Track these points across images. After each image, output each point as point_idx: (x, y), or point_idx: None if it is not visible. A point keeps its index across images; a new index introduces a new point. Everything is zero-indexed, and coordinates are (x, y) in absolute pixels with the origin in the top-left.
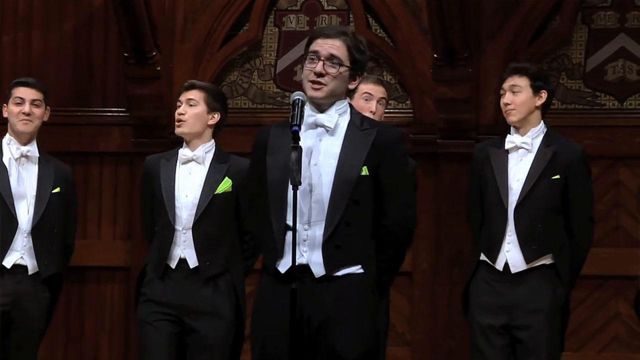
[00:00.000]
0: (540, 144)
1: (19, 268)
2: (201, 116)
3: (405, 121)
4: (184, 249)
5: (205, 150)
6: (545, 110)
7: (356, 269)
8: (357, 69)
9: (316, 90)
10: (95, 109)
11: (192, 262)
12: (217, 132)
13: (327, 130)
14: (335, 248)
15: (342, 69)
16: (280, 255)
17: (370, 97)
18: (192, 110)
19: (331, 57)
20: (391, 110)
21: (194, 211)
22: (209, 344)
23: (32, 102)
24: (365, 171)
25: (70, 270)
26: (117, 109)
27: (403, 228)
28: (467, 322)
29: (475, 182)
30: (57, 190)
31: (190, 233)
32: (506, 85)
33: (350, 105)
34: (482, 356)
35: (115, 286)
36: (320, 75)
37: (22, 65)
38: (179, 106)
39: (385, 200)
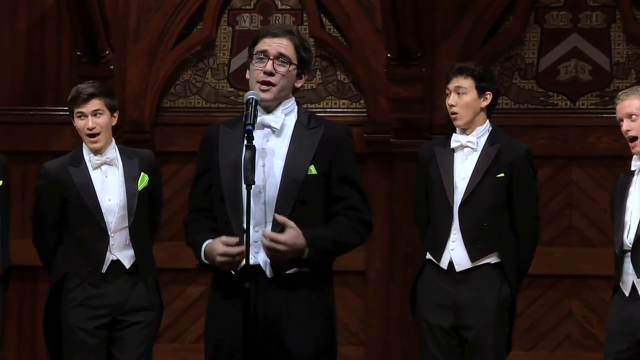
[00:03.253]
0: (485, 143)
1: None
2: (109, 124)
3: (359, 121)
4: (115, 251)
5: (114, 151)
6: (490, 110)
7: (306, 267)
8: (304, 67)
9: (264, 92)
10: (48, 108)
11: (127, 261)
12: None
13: (274, 131)
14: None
15: (290, 68)
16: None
17: None
18: (100, 120)
19: (280, 56)
20: (345, 110)
21: (122, 213)
22: (144, 335)
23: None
24: (312, 170)
25: (23, 269)
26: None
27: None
28: (415, 320)
29: (421, 181)
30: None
31: (121, 234)
32: (451, 85)
33: (298, 104)
34: (430, 356)
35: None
36: (270, 74)
37: None
38: (80, 118)
39: (340, 197)
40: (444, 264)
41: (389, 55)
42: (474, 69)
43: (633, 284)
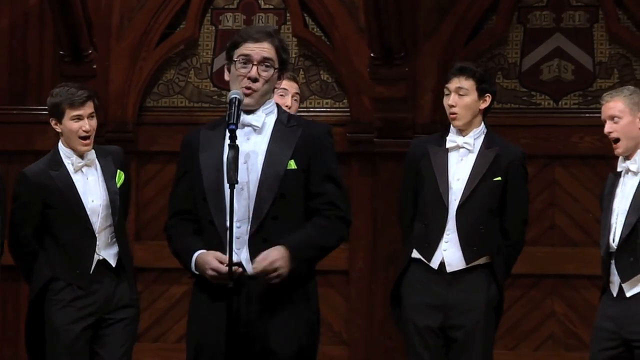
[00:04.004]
0: (481, 145)
1: None
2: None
3: (342, 120)
4: (101, 251)
5: (93, 152)
6: (486, 112)
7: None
8: (284, 69)
9: (247, 97)
10: (31, 107)
11: (112, 259)
12: None
13: (255, 130)
14: (262, 242)
15: (273, 71)
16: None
17: (285, 93)
18: (93, 122)
19: (264, 60)
20: (328, 109)
21: (105, 212)
22: (128, 333)
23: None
24: (292, 165)
25: (6, 269)
26: None
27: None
28: (394, 319)
29: (410, 177)
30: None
31: (105, 233)
32: (452, 86)
33: (277, 105)
34: (418, 358)
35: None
36: (254, 80)
37: None
38: (76, 120)
39: (319, 193)
40: (434, 264)
41: (372, 54)
42: (476, 71)
43: (620, 285)
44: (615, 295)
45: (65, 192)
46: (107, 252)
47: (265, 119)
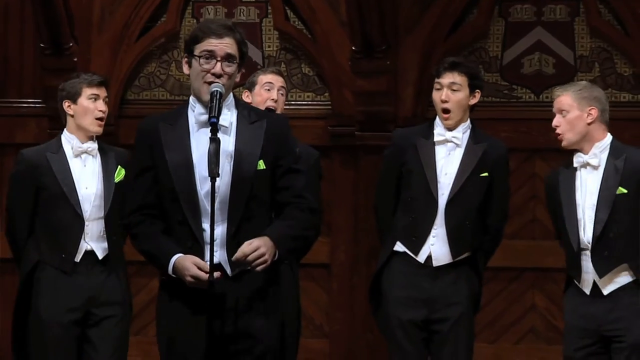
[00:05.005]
0: (469, 140)
1: None
2: None
3: (323, 113)
4: (90, 241)
5: (95, 142)
6: (473, 107)
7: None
8: (243, 62)
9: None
10: (11, 100)
11: (101, 252)
12: None
13: (219, 128)
14: (238, 244)
15: (236, 67)
16: (196, 254)
17: (272, 87)
18: (106, 108)
19: (228, 57)
20: (309, 103)
21: (98, 202)
22: (119, 331)
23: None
24: (261, 165)
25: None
26: (33, 100)
27: (308, 212)
28: (372, 311)
29: (394, 168)
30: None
31: (96, 224)
32: (445, 81)
33: (235, 97)
34: (402, 351)
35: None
36: (219, 76)
37: None
38: (93, 100)
39: (286, 187)
40: (421, 258)
41: (353, 48)
42: (469, 66)
43: (594, 283)
44: (588, 293)
45: (59, 175)
46: (96, 244)
47: (230, 117)
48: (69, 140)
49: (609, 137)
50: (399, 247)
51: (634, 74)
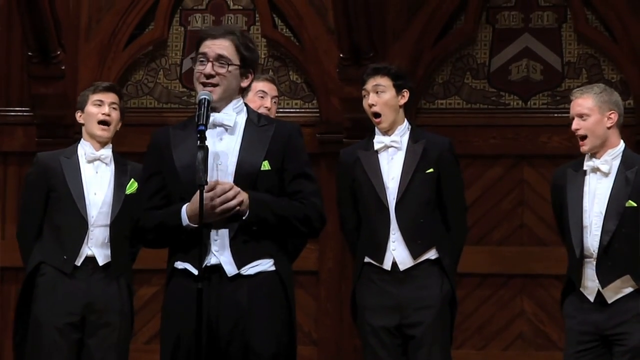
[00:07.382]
0: (408, 141)
1: None
2: (118, 122)
3: (311, 121)
4: (92, 247)
5: (110, 151)
6: (407, 109)
7: (268, 266)
8: (247, 67)
9: (210, 93)
10: None
11: (102, 259)
12: None
13: (227, 129)
14: (243, 244)
15: (231, 68)
16: (195, 256)
17: (264, 95)
18: (114, 113)
19: (219, 58)
20: (297, 110)
21: (105, 209)
22: (114, 343)
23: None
24: (266, 166)
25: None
26: (20, 109)
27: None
28: (357, 324)
29: (346, 186)
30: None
31: (101, 230)
32: (368, 86)
33: (246, 104)
34: (375, 357)
35: (20, 287)
36: (210, 76)
37: None
38: (97, 106)
39: (295, 191)
40: (387, 265)
41: (341, 55)
42: (390, 68)
43: (599, 292)
44: (592, 300)
45: (69, 178)
46: (98, 251)
47: (236, 118)
48: (83, 147)
49: (622, 145)
50: (367, 258)
51: (621, 80)
